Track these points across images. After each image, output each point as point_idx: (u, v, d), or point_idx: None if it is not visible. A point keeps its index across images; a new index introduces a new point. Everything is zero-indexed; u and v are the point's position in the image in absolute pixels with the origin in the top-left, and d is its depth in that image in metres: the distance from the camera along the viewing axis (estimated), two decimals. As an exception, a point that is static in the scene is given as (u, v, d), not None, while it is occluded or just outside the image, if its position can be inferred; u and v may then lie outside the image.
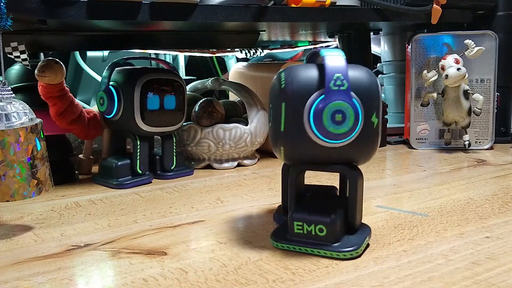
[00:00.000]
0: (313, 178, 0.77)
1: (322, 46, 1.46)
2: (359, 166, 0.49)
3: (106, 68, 0.79)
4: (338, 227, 0.47)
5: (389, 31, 1.21)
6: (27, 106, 0.55)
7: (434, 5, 0.93)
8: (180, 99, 0.80)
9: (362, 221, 0.52)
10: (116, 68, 0.79)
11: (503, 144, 1.03)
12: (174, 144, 0.82)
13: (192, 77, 1.53)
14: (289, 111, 0.46)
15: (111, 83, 0.78)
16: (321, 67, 0.46)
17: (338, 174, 0.54)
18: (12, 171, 0.51)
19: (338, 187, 0.56)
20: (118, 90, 0.76)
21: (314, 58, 0.52)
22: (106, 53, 1.45)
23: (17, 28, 0.61)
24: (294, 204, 0.50)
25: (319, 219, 0.47)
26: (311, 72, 0.46)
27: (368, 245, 0.50)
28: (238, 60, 1.56)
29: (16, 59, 0.65)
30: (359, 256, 0.47)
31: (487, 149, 1.00)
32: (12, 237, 0.55)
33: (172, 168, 0.82)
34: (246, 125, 0.87)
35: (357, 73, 0.47)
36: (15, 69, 0.85)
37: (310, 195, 0.54)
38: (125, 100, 0.76)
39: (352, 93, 0.45)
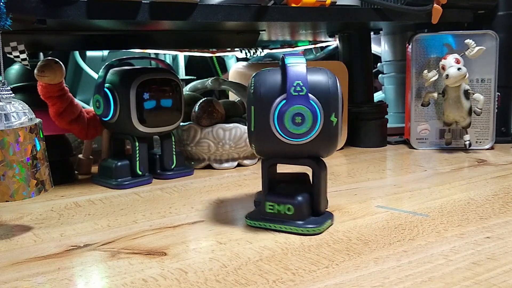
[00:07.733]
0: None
1: (322, 46, 1.46)
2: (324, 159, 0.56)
3: (101, 70, 0.77)
4: (304, 207, 0.55)
5: (390, 31, 1.21)
6: (27, 106, 0.55)
7: (435, 5, 0.92)
8: (176, 98, 0.80)
9: (362, 221, 0.53)
10: (111, 70, 0.78)
11: (503, 144, 1.03)
12: (173, 143, 0.82)
13: (192, 77, 1.52)
14: (258, 113, 0.53)
15: (106, 85, 0.76)
16: (285, 74, 0.52)
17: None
18: (11, 171, 0.51)
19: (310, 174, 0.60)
20: (113, 93, 0.76)
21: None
22: (105, 53, 1.45)
23: (17, 28, 0.61)
24: (267, 192, 0.57)
25: (288, 200, 0.55)
26: (277, 78, 0.53)
27: (331, 224, 0.56)
28: (238, 60, 1.56)
29: (15, 58, 0.65)
30: (320, 233, 0.53)
31: (487, 149, 1.00)
32: (12, 237, 0.55)
33: (172, 167, 0.82)
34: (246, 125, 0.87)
35: (317, 78, 0.52)
36: (15, 69, 0.85)
37: (283, 182, 0.61)
38: (121, 102, 0.75)
39: (312, 97, 0.51)
